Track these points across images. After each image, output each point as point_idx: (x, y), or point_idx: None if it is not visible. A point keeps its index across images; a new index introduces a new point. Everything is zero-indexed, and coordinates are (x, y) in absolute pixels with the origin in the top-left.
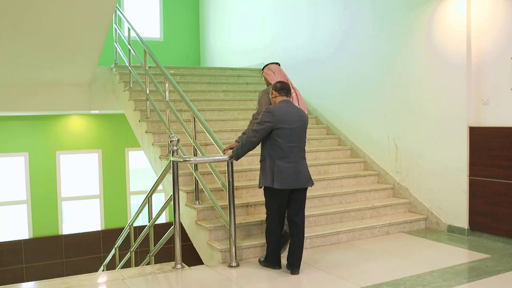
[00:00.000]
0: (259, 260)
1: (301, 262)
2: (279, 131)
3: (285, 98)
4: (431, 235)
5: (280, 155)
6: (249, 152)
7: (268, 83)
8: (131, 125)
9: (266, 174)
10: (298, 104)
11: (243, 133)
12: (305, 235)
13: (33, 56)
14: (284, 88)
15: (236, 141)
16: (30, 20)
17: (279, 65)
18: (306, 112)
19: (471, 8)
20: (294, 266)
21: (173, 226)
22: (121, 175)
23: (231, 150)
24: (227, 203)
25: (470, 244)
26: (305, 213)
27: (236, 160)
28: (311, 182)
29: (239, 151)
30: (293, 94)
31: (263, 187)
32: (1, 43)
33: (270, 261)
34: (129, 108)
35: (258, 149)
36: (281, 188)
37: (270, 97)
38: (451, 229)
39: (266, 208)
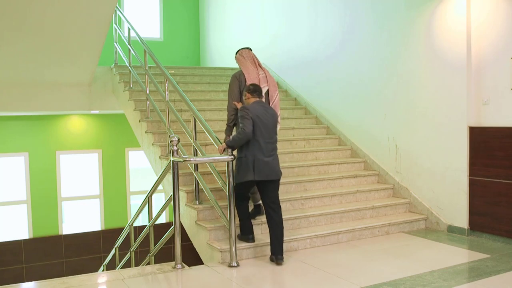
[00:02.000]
0: (237, 235)
1: (301, 262)
2: (255, 128)
3: (257, 99)
4: (431, 235)
5: (256, 149)
6: None
7: (240, 67)
8: (131, 125)
9: (244, 168)
10: (267, 84)
11: (227, 125)
12: (305, 235)
13: (33, 56)
14: (256, 90)
15: (226, 134)
16: (30, 20)
17: (251, 49)
18: (277, 89)
19: (471, 8)
20: (277, 253)
21: (173, 226)
22: (121, 175)
23: (227, 141)
24: (227, 203)
25: (470, 244)
26: (305, 213)
27: (232, 149)
28: (279, 175)
29: (236, 141)
30: (262, 75)
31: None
32: (1, 43)
33: (244, 232)
34: (129, 108)
35: None
36: (260, 179)
37: (244, 98)
38: (451, 229)
39: (235, 187)
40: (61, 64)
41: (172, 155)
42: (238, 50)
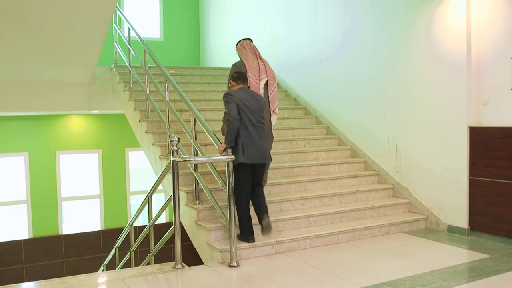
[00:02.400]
0: (237, 236)
1: (301, 262)
2: (240, 111)
3: (242, 86)
4: (431, 235)
5: (245, 134)
6: None
7: (240, 57)
8: (131, 125)
9: (236, 151)
10: (266, 75)
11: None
12: (305, 235)
13: (33, 56)
14: (240, 77)
15: (224, 122)
16: (31, 20)
17: (251, 41)
18: (276, 81)
19: (471, 9)
20: (263, 216)
21: (173, 226)
22: (121, 175)
23: (224, 141)
24: (227, 203)
25: (470, 244)
26: (305, 213)
27: (232, 145)
28: (270, 158)
29: (229, 133)
30: (262, 66)
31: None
32: (1, 43)
33: (244, 234)
34: (129, 108)
35: None
36: (249, 162)
37: (229, 86)
38: (451, 229)
39: (234, 183)
40: (61, 64)
41: (172, 155)
42: (240, 41)
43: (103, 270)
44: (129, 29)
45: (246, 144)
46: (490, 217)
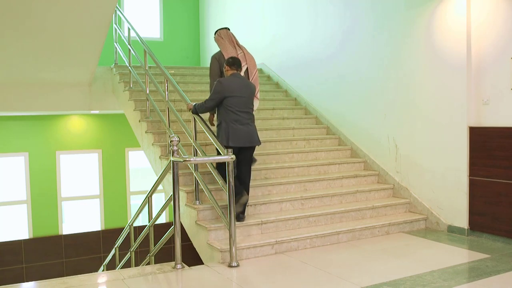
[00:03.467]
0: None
1: (301, 262)
2: (230, 99)
3: (235, 72)
4: (431, 235)
5: (233, 119)
6: None
7: (219, 47)
8: (131, 125)
9: (222, 136)
10: (246, 62)
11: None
12: (305, 235)
13: (33, 56)
14: (235, 63)
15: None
16: (31, 20)
17: (228, 29)
18: (256, 67)
19: (471, 8)
20: (243, 193)
21: (173, 226)
22: (121, 175)
23: (193, 104)
24: (227, 203)
25: (470, 244)
26: (305, 213)
27: (193, 113)
28: (259, 142)
29: (198, 109)
30: (240, 54)
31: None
32: (1, 43)
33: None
34: (129, 108)
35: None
36: (235, 146)
37: (224, 70)
38: (451, 229)
39: (221, 166)
40: (61, 64)
41: (172, 155)
42: (217, 31)
43: (103, 270)
44: (129, 29)
45: (233, 129)
46: (490, 217)
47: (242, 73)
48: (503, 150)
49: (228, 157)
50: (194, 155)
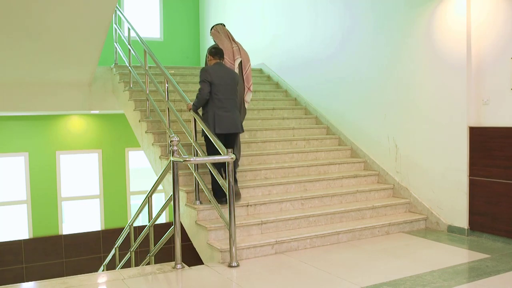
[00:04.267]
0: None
1: (301, 262)
2: (215, 87)
3: (218, 61)
4: (431, 235)
5: (218, 106)
6: (248, 152)
7: (215, 41)
8: (131, 125)
9: (208, 122)
10: (240, 56)
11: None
12: (305, 235)
13: (33, 56)
14: (217, 53)
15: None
16: (31, 21)
17: (224, 25)
18: (249, 61)
19: (471, 8)
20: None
21: (173, 226)
22: (121, 175)
23: (192, 106)
24: (227, 203)
25: (470, 244)
26: (305, 213)
27: (195, 111)
28: (242, 129)
29: (197, 104)
30: (235, 48)
31: (203, 136)
32: (1, 43)
33: (217, 195)
34: (129, 108)
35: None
36: (220, 132)
37: (206, 60)
38: (451, 229)
39: (207, 151)
40: (61, 64)
41: (172, 155)
42: (213, 26)
43: (103, 270)
44: (129, 29)
45: (218, 115)
46: (490, 217)
47: (236, 66)
48: (503, 150)
49: (228, 157)
50: (194, 155)
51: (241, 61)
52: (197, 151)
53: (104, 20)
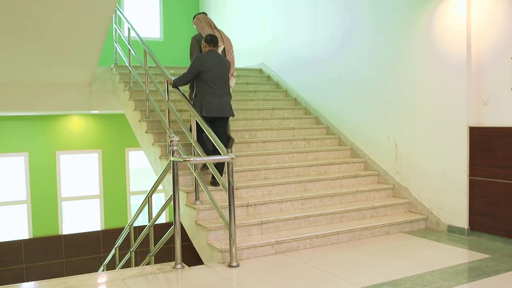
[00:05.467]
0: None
1: (301, 262)
2: (206, 73)
3: (212, 48)
4: (431, 235)
5: (208, 91)
6: (249, 152)
7: (197, 30)
8: (131, 125)
9: (196, 106)
10: (223, 43)
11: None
12: (305, 235)
13: (33, 56)
14: (212, 40)
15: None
16: (30, 21)
17: (206, 14)
18: (232, 47)
19: (471, 8)
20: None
21: (173, 226)
22: (121, 175)
23: (173, 78)
24: (227, 203)
25: (470, 244)
26: (305, 213)
27: (173, 87)
28: (232, 113)
29: (177, 83)
30: (218, 36)
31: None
32: (1, 43)
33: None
34: (129, 108)
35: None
36: (207, 115)
37: (202, 47)
38: (451, 229)
39: (198, 133)
40: (61, 64)
41: (172, 155)
42: (195, 15)
43: (103, 270)
44: (129, 29)
45: (206, 100)
46: (490, 217)
47: (218, 45)
48: (503, 150)
49: (228, 157)
50: (194, 155)
51: (224, 48)
52: (197, 151)
53: (104, 20)
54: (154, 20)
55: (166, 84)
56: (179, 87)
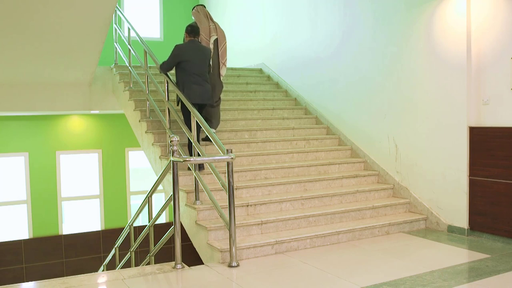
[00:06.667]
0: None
1: (301, 262)
2: (186, 63)
3: (192, 39)
4: (431, 235)
5: (189, 80)
6: (249, 152)
7: (195, 20)
8: (131, 125)
9: (181, 92)
10: (216, 34)
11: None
12: (305, 235)
13: (33, 56)
14: (193, 31)
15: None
16: (30, 21)
17: (204, 7)
18: (225, 38)
19: (471, 8)
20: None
21: (173, 226)
22: (121, 175)
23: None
24: (227, 203)
25: (470, 244)
26: (305, 213)
27: (160, 73)
28: (211, 101)
29: (161, 69)
30: (212, 26)
31: (180, 106)
32: (1, 44)
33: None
34: (129, 108)
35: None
36: (190, 102)
37: (184, 37)
38: (451, 229)
39: (184, 120)
40: (61, 64)
41: (172, 155)
42: (194, 6)
43: (103, 270)
44: (129, 29)
45: (188, 87)
46: (490, 217)
47: (211, 42)
48: (503, 150)
49: (228, 157)
50: (193, 155)
51: (216, 39)
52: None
53: (104, 20)
54: (154, 20)
55: (166, 84)
56: (167, 74)
